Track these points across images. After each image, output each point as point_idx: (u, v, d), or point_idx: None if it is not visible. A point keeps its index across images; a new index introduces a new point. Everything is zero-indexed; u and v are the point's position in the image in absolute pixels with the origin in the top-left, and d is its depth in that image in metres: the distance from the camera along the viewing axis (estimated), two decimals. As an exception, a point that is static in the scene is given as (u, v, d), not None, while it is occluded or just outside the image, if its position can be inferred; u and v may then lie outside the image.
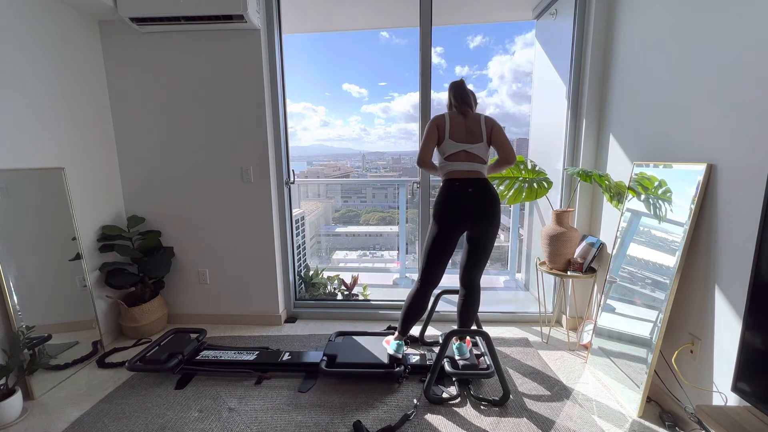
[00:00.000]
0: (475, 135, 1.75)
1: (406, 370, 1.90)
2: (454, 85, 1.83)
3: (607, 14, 2.11)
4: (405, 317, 1.91)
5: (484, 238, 1.81)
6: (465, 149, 1.74)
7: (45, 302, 1.93)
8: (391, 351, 1.92)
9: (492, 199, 1.76)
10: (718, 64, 1.42)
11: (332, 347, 2.04)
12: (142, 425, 1.61)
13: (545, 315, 2.52)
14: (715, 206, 1.43)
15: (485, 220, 1.76)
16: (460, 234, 1.81)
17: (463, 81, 1.83)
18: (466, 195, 1.73)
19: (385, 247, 4.65)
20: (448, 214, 1.76)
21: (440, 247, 1.79)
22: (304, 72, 15.45)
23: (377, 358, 1.92)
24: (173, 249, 2.53)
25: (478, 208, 1.74)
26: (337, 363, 1.90)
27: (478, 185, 1.74)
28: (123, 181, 2.47)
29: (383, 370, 1.85)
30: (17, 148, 1.84)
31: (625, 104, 1.99)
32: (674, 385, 1.62)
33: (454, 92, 1.81)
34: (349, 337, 2.20)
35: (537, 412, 1.68)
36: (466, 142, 1.74)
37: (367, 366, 1.88)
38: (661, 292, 1.59)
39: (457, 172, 1.75)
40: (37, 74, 1.93)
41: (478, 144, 1.75)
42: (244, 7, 2.02)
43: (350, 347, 2.05)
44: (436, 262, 1.82)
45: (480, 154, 1.75)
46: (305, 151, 6.65)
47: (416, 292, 1.87)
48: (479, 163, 1.75)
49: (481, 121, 1.77)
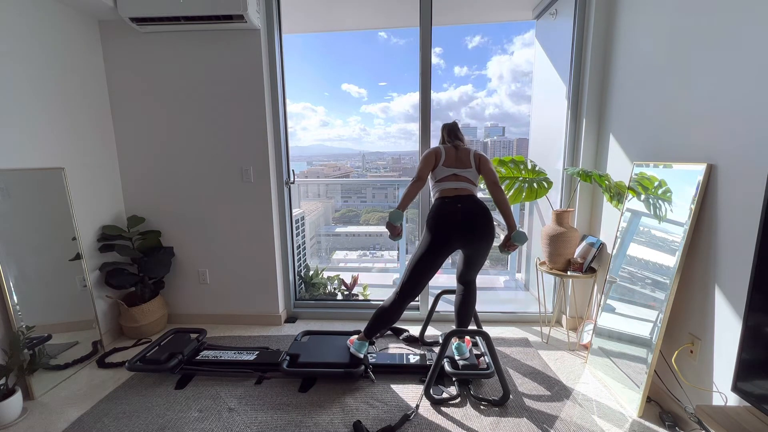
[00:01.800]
0: (464, 163, 1.88)
1: (367, 369, 1.91)
2: (447, 126, 2.01)
3: (607, 14, 2.11)
4: (375, 323, 1.90)
5: (477, 253, 1.85)
6: (455, 173, 1.85)
7: (45, 302, 1.93)
8: (352, 350, 1.92)
9: (482, 213, 1.77)
10: (718, 64, 1.42)
11: (296, 347, 2.05)
12: (142, 425, 1.61)
13: (545, 315, 2.52)
14: (715, 206, 1.43)
15: (477, 238, 1.78)
16: (449, 252, 1.83)
17: (455, 123, 2.02)
18: (455, 211, 1.76)
19: (385, 247, 4.65)
20: (438, 230, 1.77)
21: (426, 264, 1.79)
22: (304, 72, 15.51)
23: (339, 358, 1.92)
24: (173, 249, 2.53)
25: (469, 224, 1.75)
26: (299, 363, 1.90)
27: (467, 201, 1.78)
28: (123, 181, 2.47)
29: (343, 369, 1.86)
30: (17, 148, 1.84)
31: (625, 104, 2.00)
32: (674, 385, 1.62)
33: (447, 132, 2.00)
34: (315, 336, 2.20)
35: (537, 412, 1.68)
36: (456, 167, 1.86)
37: (328, 366, 1.88)
38: (661, 292, 1.59)
39: (447, 190, 1.83)
40: (37, 74, 1.93)
41: (467, 169, 1.86)
42: (244, 7, 2.02)
43: (315, 347, 2.05)
44: (419, 278, 1.82)
45: (470, 177, 1.85)
46: (305, 151, 6.67)
47: (393, 302, 1.85)
48: (468, 183, 1.84)
49: (471, 153, 1.89)
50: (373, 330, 1.91)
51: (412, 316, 2.61)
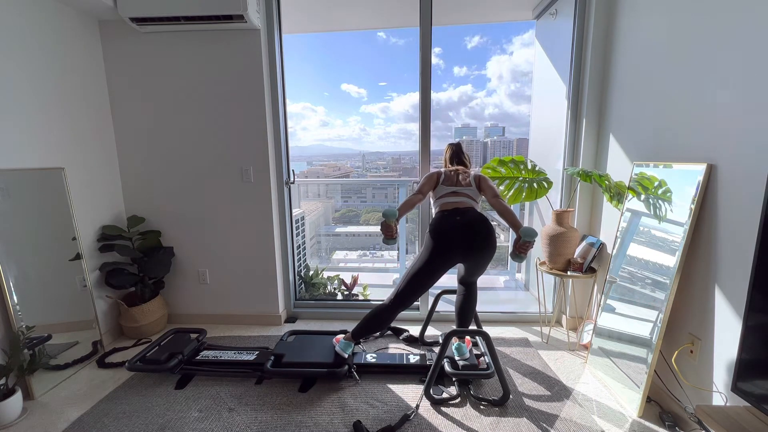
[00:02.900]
0: (464, 184, 1.91)
1: (351, 369, 1.91)
2: (452, 148, 2.06)
3: (607, 14, 2.11)
4: (364, 326, 1.88)
5: (476, 265, 1.85)
6: (455, 190, 1.90)
7: (45, 302, 1.93)
8: (337, 349, 1.92)
9: (481, 225, 1.76)
10: (718, 64, 1.42)
11: (282, 347, 2.05)
12: (142, 425, 1.61)
13: (545, 315, 2.52)
14: (715, 206, 1.43)
15: (477, 250, 1.77)
16: (449, 266, 1.82)
17: (459, 145, 2.08)
18: (455, 223, 1.76)
19: (384, 248, 4.65)
20: (437, 244, 1.76)
21: (424, 276, 1.79)
22: (304, 72, 15.52)
23: (323, 358, 1.92)
24: (173, 249, 2.53)
25: (468, 237, 1.74)
26: (283, 362, 1.90)
27: (466, 213, 1.79)
28: (123, 181, 2.47)
29: (326, 369, 1.86)
30: (17, 148, 1.84)
31: (625, 104, 2.00)
32: (674, 385, 1.62)
33: (450, 154, 2.06)
34: (301, 336, 2.20)
35: (537, 412, 1.68)
36: (456, 186, 1.91)
37: (312, 365, 1.88)
38: (661, 292, 1.59)
39: (446, 204, 1.86)
40: (37, 74, 1.93)
41: (468, 188, 1.89)
42: (244, 7, 2.02)
43: (300, 347, 2.05)
44: (415, 289, 1.81)
45: (470, 194, 1.88)
46: (305, 151, 6.67)
47: (385, 308, 1.83)
48: (468, 198, 1.87)
49: (470, 175, 1.95)
50: (360, 333, 1.90)
51: (412, 316, 2.61)
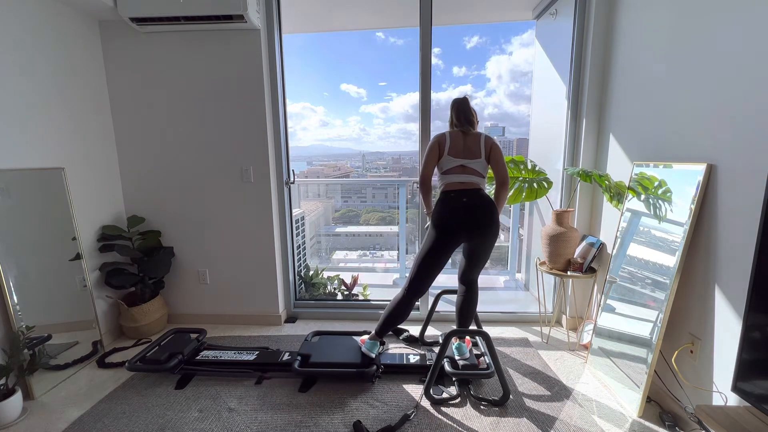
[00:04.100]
0: (473, 152, 1.78)
1: (379, 369, 1.90)
2: (457, 103, 1.84)
3: (607, 14, 2.11)
4: (385, 321, 1.90)
5: (482, 248, 1.83)
6: (462, 164, 1.77)
7: (45, 302, 1.93)
8: (364, 349, 1.92)
9: (487, 208, 1.75)
10: (718, 64, 1.42)
11: (307, 347, 2.04)
12: (142, 425, 1.61)
13: (545, 315, 2.52)
14: (715, 206, 1.43)
15: (482, 232, 1.77)
16: (455, 246, 1.81)
17: (466, 98, 1.85)
18: (461, 205, 1.74)
19: (385, 247, 4.65)
20: (444, 225, 1.76)
21: (433, 259, 1.79)
22: (304, 72, 15.50)
23: (351, 358, 1.91)
24: (173, 249, 2.53)
25: (474, 219, 1.74)
26: (311, 363, 1.90)
27: (473, 195, 1.75)
28: (123, 181, 2.47)
29: (355, 369, 1.85)
30: (17, 148, 1.84)
31: (625, 104, 2.00)
32: (674, 385, 1.62)
33: (456, 110, 1.83)
34: (325, 336, 2.20)
35: (537, 412, 1.68)
36: (463, 157, 1.78)
37: (340, 365, 1.88)
38: (661, 292, 1.59)
39: (452, 184, 1.78)
40: (37, 74, 1.93)
41: (476, 160, 1.78)
42: (244, 7, 2.02)
43: (325, 347, 2.04)
44: (427, 273, 1.82)
45: (477, 169, 1.78)
46: (305, 151, 6.67)
47: (402, 299, 1.86)
48: (476, 176, 1.78)
49: (481, 139, 1.80)
50: (384, 329, 1.92)
51: (413, 315, 2.57)
